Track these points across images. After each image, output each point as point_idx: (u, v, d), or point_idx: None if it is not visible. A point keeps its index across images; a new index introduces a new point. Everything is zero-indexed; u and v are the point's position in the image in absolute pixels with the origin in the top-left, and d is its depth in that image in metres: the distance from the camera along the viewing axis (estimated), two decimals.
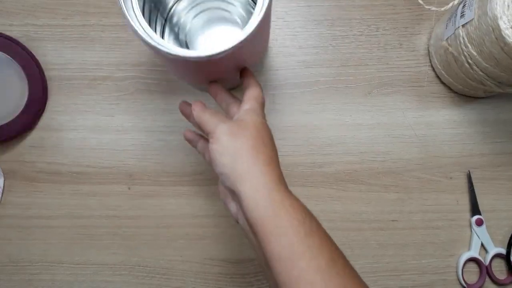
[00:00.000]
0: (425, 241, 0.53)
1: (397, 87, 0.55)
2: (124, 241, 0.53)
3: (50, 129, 0.55)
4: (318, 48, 0.56)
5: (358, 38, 0.56)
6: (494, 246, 0.52)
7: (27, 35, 0.57)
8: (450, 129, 0.55)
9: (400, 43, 0.56)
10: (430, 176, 0.54)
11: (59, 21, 0.57)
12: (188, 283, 0.52)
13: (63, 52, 0.57)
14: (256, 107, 0.40)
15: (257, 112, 0.39)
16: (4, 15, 0.57)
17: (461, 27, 0.46)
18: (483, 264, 0.52)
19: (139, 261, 0.53)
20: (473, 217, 0.52)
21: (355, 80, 0.56)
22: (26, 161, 0.55)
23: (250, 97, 0.41)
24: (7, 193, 0.55)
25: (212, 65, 0.38)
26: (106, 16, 0.57)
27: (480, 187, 0.53)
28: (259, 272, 0.52)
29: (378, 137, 0.55)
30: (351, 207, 0.53)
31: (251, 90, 0.41)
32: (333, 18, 0.57)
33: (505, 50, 0.40)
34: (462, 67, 0.48)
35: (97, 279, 0.53)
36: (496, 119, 0.55)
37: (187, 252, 0.53)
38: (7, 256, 0.54)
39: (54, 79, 0.56)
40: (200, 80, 0.48)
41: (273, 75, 0.56)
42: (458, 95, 0.55)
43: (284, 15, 0.57)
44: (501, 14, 0.39)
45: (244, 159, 0.35)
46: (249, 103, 0.40)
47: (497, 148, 0.54)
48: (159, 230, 0.54)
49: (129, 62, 0.56)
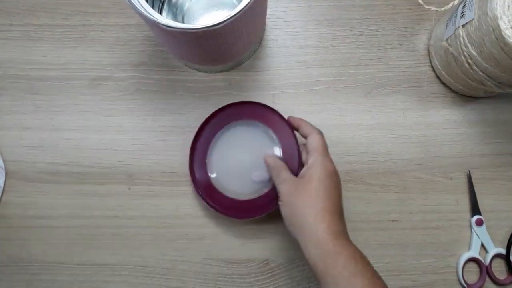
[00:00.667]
0: (425, 241, 0.53)
1: (397, 87, 0.55)
2: (124, 241, 0.53)
3: (50, 129, 0.55)
4: (318, 48, 0.56)
5: (358, 38, 0.56)
6: (494, 246, 0.52)
7: (27, 35, 0.57)
8: (450, 129, 0.55)
9: (400, 43, 0.56)
10: (430, 176, 0.54)
11: (59, 21, 0.57)
12: (188, 283, 0.52)
13: (63, 52, 0.57)
14: (319, 159, 0.43)
15: (321, 164, 0.43)
16: (4, 15, 0.57)
17: (461, 27, 0.46)
18: (483, 264, 0.52)
19: (139, 261, 0.53)
20: (473, 217, 0.52)
21: (355, 80, 0.56)
22: (26, 161, 0.55)
23: (311, 149, 0.44)
24: (7, 193, 0.55)
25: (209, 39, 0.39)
26: (106, 16, 0.57)
27: (480, 187, 0.53)
28: (259, 272, 0.52)
29: (378, 137, 0.55)
30: (351, 207, 0.53)
31: (311, 140, 0.45)
32: (333, 18, 0.57)
33: (505, 50, 0.40)
34: (462, 67, 0.48)
35: (97, 279, 0.53)
36: (496, 119, 0.55)
37: (187, 252, 0.53)
38: (7, 256, 0.54)
39: (54, 79, 0.56)
40: (200, 58, 0.49)
41: (273, 75, 0.56)
42: (458, 95, 0.55)
43: (284, 15, 0.57)
44: (501, 14, 0.39)
45: (300, 215, 0.41)
46: (312, 157, 0.44)
47: (497, 148, 0.54)
48: (159, 230, 0.54)
49: (129, 62, 0.56)
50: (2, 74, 0.57)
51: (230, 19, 0.38)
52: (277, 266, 0.52)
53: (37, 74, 0.56)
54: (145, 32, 0.57)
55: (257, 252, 0.53)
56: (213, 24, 0.38)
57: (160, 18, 0.39)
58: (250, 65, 0.56)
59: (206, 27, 0.38)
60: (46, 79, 0.56)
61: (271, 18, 0.57)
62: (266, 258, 0.53)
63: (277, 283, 0.52)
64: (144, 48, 0.57)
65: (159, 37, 0.48)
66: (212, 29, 0.38)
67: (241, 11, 0.38)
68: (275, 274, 0.52)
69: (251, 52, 0.55)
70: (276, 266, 0.52)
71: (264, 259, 0.53)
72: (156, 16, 0.39)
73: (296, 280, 0.52)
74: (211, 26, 0.38)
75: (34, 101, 0.56)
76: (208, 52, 0.46)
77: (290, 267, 0.52)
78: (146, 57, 0.56)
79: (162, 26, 0.38)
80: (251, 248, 0.53)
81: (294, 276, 0.52)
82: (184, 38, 0.41)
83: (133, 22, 0.57)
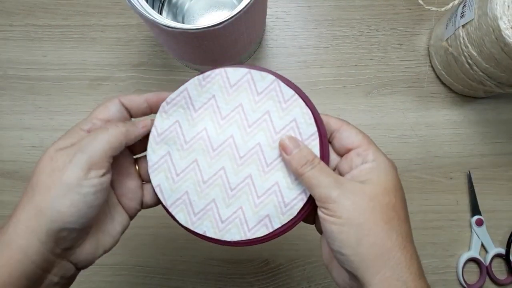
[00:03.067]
0: (425, 241, 0.53)
1: (397, 88, 0.55)
2: (124, 241, 0.53)
3: (50, 129, 0.55)
4: (318, 49, 0.56)
5: (358, 39, 0.56)
6: (494, 246, 0.52)
7: (27, 35, 0.57)
8: (450, 130, 0.55)
9: (400, 44, 0.56)
10: (430, 176, 0.54)
11: (59, 21, 0.57)
12: (188, 283, 0.52)
13: (63, 52, 0.57)
14: (383, 158, 0.30)
15: (391, 166, 0.30)
16: (4, 15, 0.57)
17: (461, 28, 0.46)
18: (483, 264, 0.52)
19: (139, 261, 0.53)
20: (473, 217, 0.52)
21: (355, 81, 0.56)
22: (26, 161, 0.55)
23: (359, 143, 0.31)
24: (7, 193, 0.55)
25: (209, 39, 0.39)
26: (106, 16, 0.57)
27: (480, 188, 0.53)
28: (259, 272, 0.52)
29: (378, 137, 0.54)
30: None
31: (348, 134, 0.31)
32: (333, 18, 0.57)
33: (505, 50, 0.40)
34: (462, 68, 0.48)
35: (97, 279, 0.53)
36: (496, 120, 0.55)
37: (187, 252, 0.53)
38: None
39: (54, 79, 0.56)
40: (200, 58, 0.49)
41: None
42: (458, 95, 0.55)
43: (284, 16, 0.57)
44: (501, 14, 0.39)
45: (373, 239, 0.27)
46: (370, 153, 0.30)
47: (497, 148, 0.54)
48: (159, 230, 0.54)
49: (129, 63, 0.56)
50: (2, 74, 0.57)
51: (230, 19, 0.38)
52: (277, 266, 0.52)
53: (37, 74, 0.56)
54: (145, 32, 0.57)
55: (257, 252, 0.53)
56: (213, 24, 0.38)
57: (160, 19, 0.39)
58: None
59: (206, 27, 0.38)
60: (46, 79, 0.56)
61: (271, 18, 0.57)
62: (266, 258, 0.53)
63: (277, 283, 0.52)
64: (144, 48, 0.57)
65: (159, 38, 0.48)
66: (212, 29, 0.38)
67: (241, 11, 0.38)
68: (275, 274, 0.52)
69: (251, 52, 0.55)
70: (276, 266, 0.52)
71: (264, 259, 0.53)
72: (156, 17, 0.39)
73: (296, 280, 0.52)
74: (211, 26, 0.38)
75: (34, 101, 0.56)
76: (208, 52, 0.46)
77: (290, 267, 0.52)
78: (146, 57, 0.56)
79: (162, 26, 0.38)
80: (251, 248, 0.53)
81: (294, 276, 0.52)
82: (184, 38, 0.41)
83: (133, 23, 0.57)
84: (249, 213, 0.32)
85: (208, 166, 0.32)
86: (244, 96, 0.32)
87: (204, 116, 0.32)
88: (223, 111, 0.32)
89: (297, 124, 0.32)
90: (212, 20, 0.38)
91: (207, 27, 0.38)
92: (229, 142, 0.32)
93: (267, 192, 0.31)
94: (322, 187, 0.29)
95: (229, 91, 0.32)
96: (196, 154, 0.32)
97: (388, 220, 0.28)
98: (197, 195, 0.32)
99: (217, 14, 0.53)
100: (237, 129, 0.32)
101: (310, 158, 0.30)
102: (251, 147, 0.32)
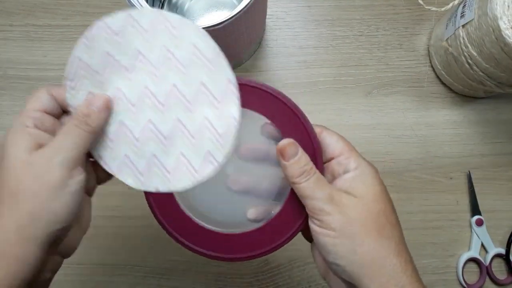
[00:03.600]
0: (425, 241, 0.53)
1: (397, 88, 0.55)
2: (124, 241, 0.53)
3: None
4: (318, 48, 0.56)
5: (358, 39, 0.56)
6: (494, 246, 0.52)
7: (27, 35, 0.57)
8: (450, 130, 0.55)
9: (400, 44, 0.56)
10: (430, 176, 0.54)
11: (59, 21, 0.57)
12: (188, 283, 0.52)
13: (63, 52, 0.56)
14: (365, 164, 0.30)
15: (374, 172, 0.30)
16: (4, 15, 0.57)
17: (461, 28, 0.46)
18: (483, 264, 0.52)
19: (139, 261, 0.53)
20: (473, 217, 0.52)
21: (355, 80, 0.56)
22: None
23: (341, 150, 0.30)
24: None
25: None
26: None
27: (480, 188, 0.53)
28: (259, 272, 0.52)
29: (378, 137, 0.55)
30: None
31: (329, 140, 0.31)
32: (333, 18, 0.57)
33: (505, 50, 0.40)
34: (462, 68, 0.48)
35: (97, 279, 0.53)
36: (496, 120, 0.55)
37: (187, 252, 0.53)
38: None
39: (54, 79, 0.56)
40: None
41: (273, 75, 0.56)
42: (458, 95, 0.55)
43: (284, 16, 0.57)
44: (501, 14, 0.39)
45: (367, 249, 0.28)
46: (352, 160, 0.30)
47: (497, 148, 0.54)
48: (159, 230, 0.53)
49: None
50: (2, 74, 0.57)
51: (230, 19, 0.38)
52: (277, 266, 0.52)
53: (37, 74, 0.56)
54: None
55: None
56: (213, 24, 0.38)
57: None
58: (250, 65, 0.56)
59: (206, 27, 0.38)
60: (46, 79, 0.56)
61: (271, 18, 0.57)
62: (266, 258, 0.53)
63: (277, 283, 0.52)
64: None
65: None
66: (212, 29, 0.38)
67: (241, 11, 0.38)
68: (275, 274, 0.52)
69: (251, 52, 0.55)
70: (276, 266, 0.52)
71: (264, 259, 0.53)
72: None
73: (296, 280, 0.52)
74: (211, 26, 0.38)
75: None
76: None
77: (290, 267, 0.52)
78: None
79: None
80: None
81: (294, 276, 0.52)
82: None
83: None
84: (191, 155, 0.30)
85: (135, 123, 0.30)
86: (135, 40, 0.30)
87: (110, 75, 0.30)
88: (125, 64, 0.30)
89: (197, 47, 0.30)
90: (212, 20, 0.38)
91: (207, 27, 0.38)
92: (145, 92, 0.30)
93: (199, 129, 0.30)
94: (316, 199, 0.29)
95: (119, 40, 0.30)
96: (119, 116, 0.31)
97: (380, 228, 0.28)
98: (136, 154, 0.31)
99: (217, 14, 0.53)
100: (146, 77, 0.30)
101: (307, 168, 0.29)
102: (168, 90, 0.30)
